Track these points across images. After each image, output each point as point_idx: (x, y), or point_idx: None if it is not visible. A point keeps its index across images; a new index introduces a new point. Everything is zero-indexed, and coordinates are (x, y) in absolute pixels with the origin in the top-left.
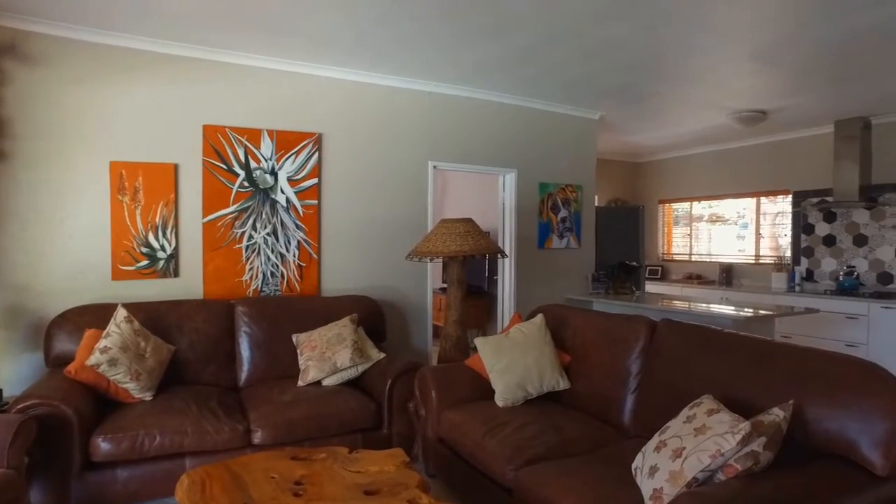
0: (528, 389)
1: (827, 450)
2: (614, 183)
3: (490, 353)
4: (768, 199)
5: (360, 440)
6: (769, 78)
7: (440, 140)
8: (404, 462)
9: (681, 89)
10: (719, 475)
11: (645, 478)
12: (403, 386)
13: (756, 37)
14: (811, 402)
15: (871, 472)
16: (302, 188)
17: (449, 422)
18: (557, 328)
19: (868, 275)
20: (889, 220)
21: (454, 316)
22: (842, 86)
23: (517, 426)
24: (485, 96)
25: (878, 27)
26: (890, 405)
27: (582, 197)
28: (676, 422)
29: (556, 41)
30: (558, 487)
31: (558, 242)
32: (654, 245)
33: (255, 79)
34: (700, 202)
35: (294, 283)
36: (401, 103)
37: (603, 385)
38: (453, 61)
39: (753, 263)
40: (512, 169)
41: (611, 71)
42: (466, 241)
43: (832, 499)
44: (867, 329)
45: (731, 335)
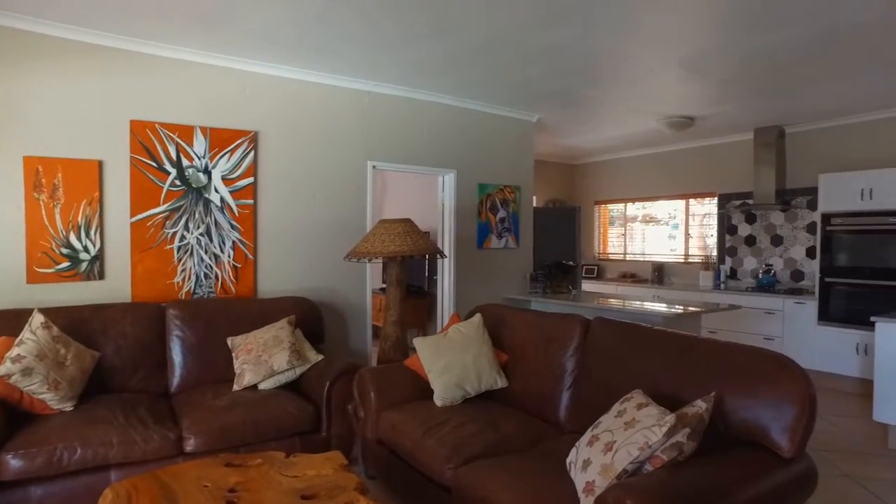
0: (466, 389)
1: (744, 437)
2: (552, 184)
3: (428, 353)
4: (697, 201)
5: (298, 444)
6: (696, 86)
7: (380, 140)
8: (342, 465)
9: (615, 94)
10: (647, 466)
11: (578, 471)
12: (342, 388)
13: (684, 47)
14: (730, 393)
15: (780, 455)
16: (237, 187)
17: (388, 423)
18: (495, 327)
19: (783, 272)
20: (800, 221)
21: (393, 316)
22: (761, 97)
23: (456, 425)
24: (425, 97)
25: (790, 45)
26: (795, 394)
27: (520, 198)
28: (608, 416)
29: (496, 45)
30: (496, 484)
31: (497, 242)
32: (591, 245)
33: (187, 73)
34: (634, 203)
35: (229, 285)
36: (340, 102)
37: (539, 383)
38: (395, 61)
39: (683, 262)
40: (451, 169)
41: (549, 75)
42: (405, 242)
43: (746, 482)
44: (782, 323)
45: (660, 332)
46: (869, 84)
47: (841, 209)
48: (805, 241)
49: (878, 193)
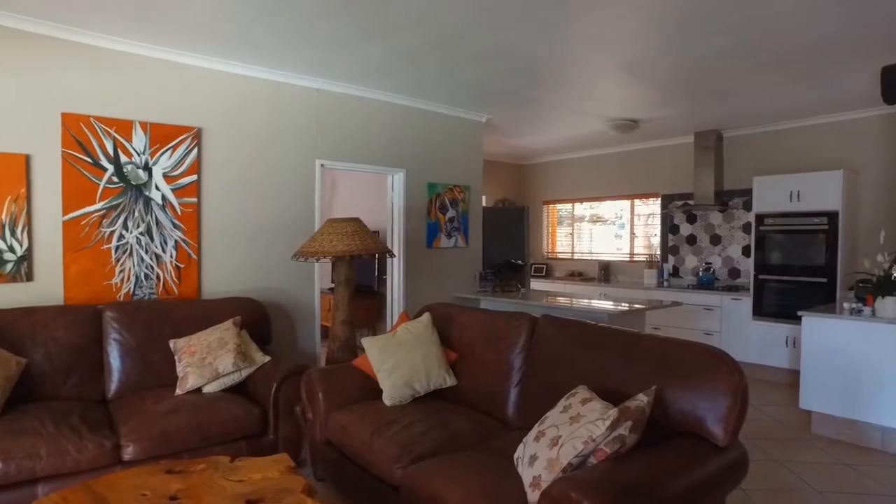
0: (415, 388)
1: (682, 428)
2: (501, 184)
3: (377, 352)
4: (641, 202)
5: (244, 448)
6: (639, 90)
7: (328, 138)
8: (289, 467)
9: (562, 96)
10: (591, 459)
11: (526, 466)
12: (290, 389)
13: (627, 52)
14: (670, 386)
15: (715, 444)
16: (180, 185)
17: (336, 423)
18: (444, 326)
19: (722, 270)
20: (737, 221)
21: (342, 316)
22: (700, 101)
23: (405, 424)
24: (374, 95)
25: (725, 54)
26: (729, 385)
27: (469, 197)
28: (554, 412)
29: (441, 46)
30: (444, 482)
31: (446, 242)
32: (539, 244)
33: (126, 65)
34: (582, 203)
35: (171, 286)
36: (288, 99)
37: (488, 380)
38: (339, 59)
39: (629, 261)
40: (401, 169)
41: (497, 76)
42: (353, 241)
43: (683, 471)
44: (721, 318)
45: (604, 328)
46: (797, 93)
47: (773, 210)
48: (741, 241)
49: (806, 195)
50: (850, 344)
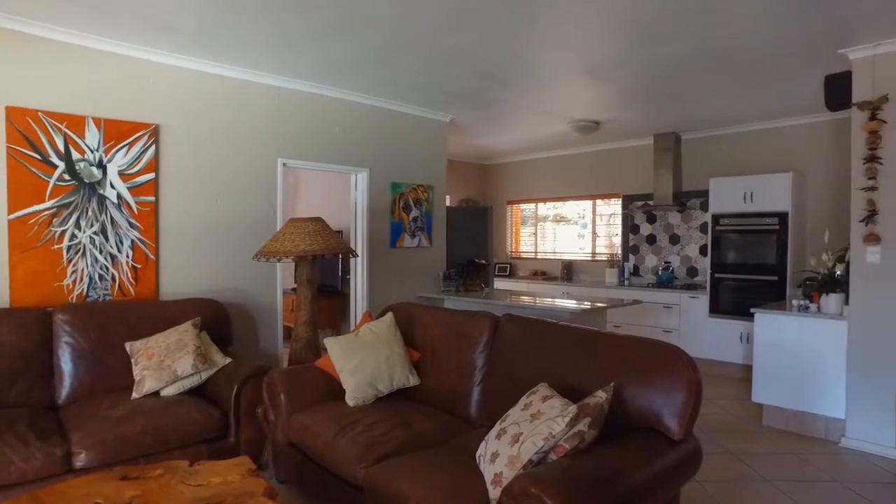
0: (378, 387)
1: (640, 423)
2: (465, 184)
3: (340, 353)
4: (603, 202)
5: (204, 451)
6: (601, 93)
7: (291, 137)
8: (251, 470)
9: (525, 98)
10: (552, 455)
11: (487, 464)
12: (251, 391)
13: (588, 56)
14: (628, 382)
15: (671, 438)
16: (136, 183)
17: (299, 425)
18: (407, 326)
19: (680, 269)
20: (695, 221)
21: (304, 317)
22: (658, 104)
23: (368, 424)
24: (337, 94)
25: (683, 59)
26: (684, 381)
27: (433, 197)
28: (515, 410)
29: (406, 45)
30: (408, 481)
31: (410, 241)
32: (503, 244)
33: (77, 58)
34: (545, 203)
35: (128, 287)
36: (249, 97)
37: (451, 379)
38: (303, 57)
39: (591, 260)
40: (364, 168)
41: (460, 77)
42: (316, 241)
43: (640, 465)
44: (679, 316)
45: (565, 327)
46: (750, 99)
47: (728, 211)
48: (699, 240)
49: (758, 197)
50: (797, 339)
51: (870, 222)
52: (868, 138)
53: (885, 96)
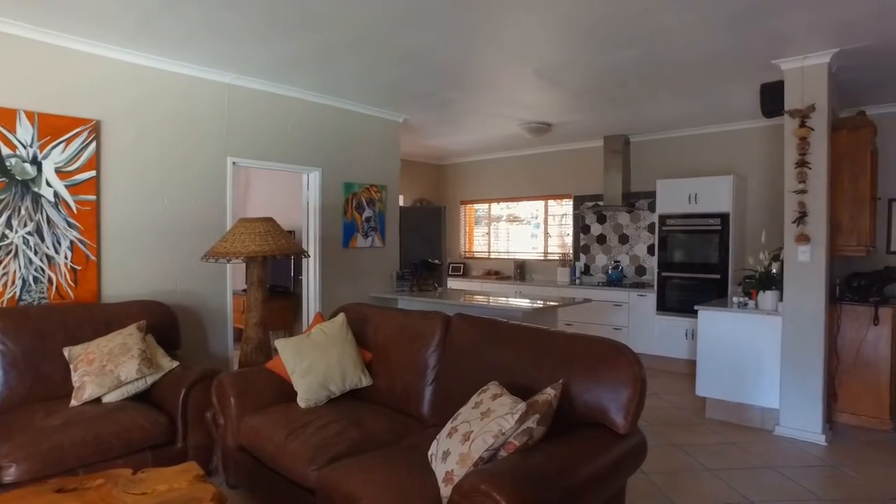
0: (330, 389)
1: (587, 418)
2: (419, 184)
3: (291, 354)
4: (556, 202)
5: (150, 459)
6: (552, 95)
7: (241, 135)
8: (198, 476)
9: (478, 99)
10: (502, 452)
11: (439, 462)
12: (200, 395)
13: (540, 58)
14: (576, 379)
15: (616, 432)
16: (75, 181)
17: (249, 428)
18: (359, 326)
19: (629, 268)
20: (643, 221)
21: (255, 318)
22: (608, 108)
23: (320, 426)
24: (288, 92)
25: (632, 64)
26: (629, 377)
27: (386, 197)
28: (466, 408)
29: (357, 45)
30: (360, 482)
31: (363, 242)
32: (457, 243)
33: (6, 48)
34: (499, 203)
35: (66, 290)
36: (197, 94)
37: (403, 379)
38: (252, 54)
39: (543, 259)
40: (316, 168)
41: (412, 77)
42: (266, 242)
43: (587, 459)
44: (628, 314)
45: (515, 326)
46: (693, 104)
47: (674, 211)
48: (647, 240)
49: (702, 198)
50: (737, 334)
51: (800, 223)
52: (798, 144)
53: (813, 105)
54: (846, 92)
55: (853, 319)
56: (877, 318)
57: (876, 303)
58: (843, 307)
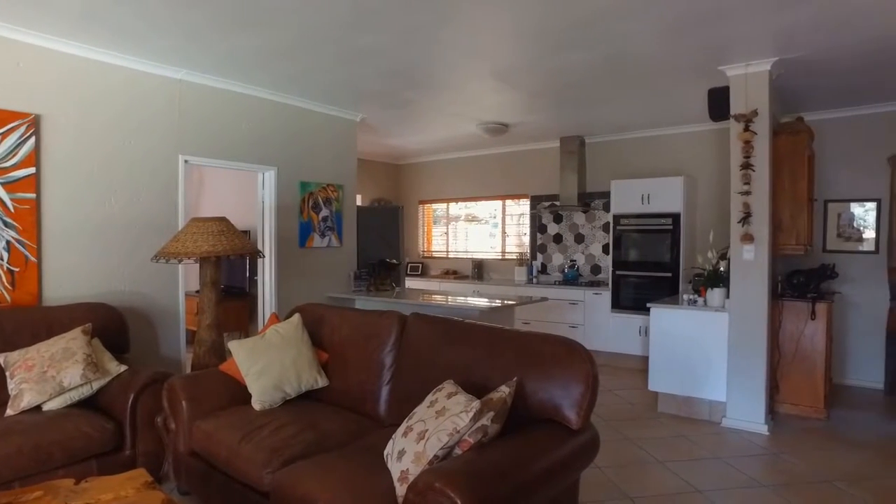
0: (286, 390)
1: (541, 415)
2: (377, 183)
3: (245, 356)
4: (513, 202)
5: (95, 467)
6: (509, 96)
7: (193, 133)
8: (146, 483)
9: (435, 99)
10: (457, 450)
11: (394, 462)
12: (150, 399)
13: (497, 60)
14: (530, 377)
15: (570, 428)
16: (12, 178)
17: (202, 432)
18: (315, 327)
19: (585, 267)
20: (598, 221)
21: (208, 320)
22: (564, 109)
23: (274, 428)
24: (243, 89)
25: (587, 66)
26: (582, 374)
27: (343, 196)
28: (422, 407)
29: (313, 43)
30: (315, 483)
31: (320, 241)
32: (415, 243)
33: None
34: (457, 203)
35: (3, 293)
36: (147, 89)
37: (359, 379)
38: (205, 50)
39: (501, 259)
40: (272, 167)
41: (370, 76)
42: (220, 241)
43: (541, 455)
44: (584, 312)
45: (470, 325)
46: (646, 107)
47: (627, 211)
48: (602, 239)
49: (654, 198)
50: (687, 330)
51: (745, 223)
52: (743, 147)
53: (756, 110)
54: (786, 98)
55: (793, 315)
56: (814, 313)
57: (813, 299)
58: (784, 303)
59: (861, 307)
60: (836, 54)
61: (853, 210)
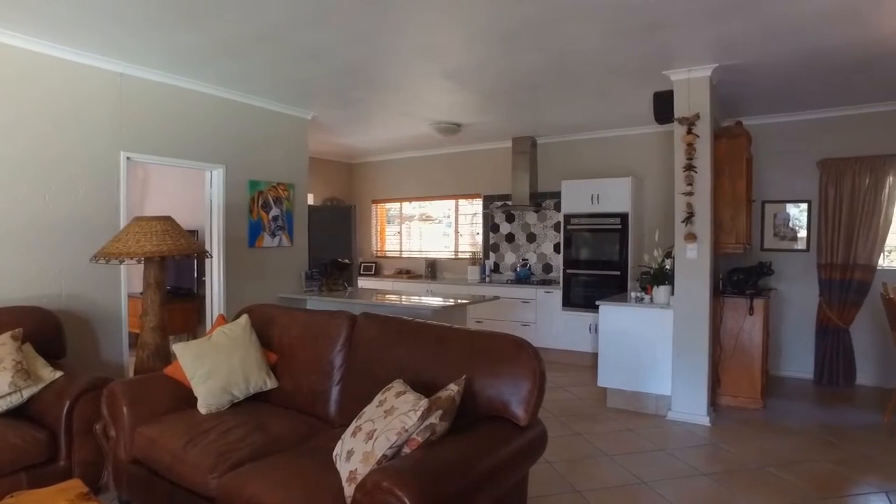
0: (234, 393)
1: (490, 412)
2: (329, 182)
3: (190, 358)
4: (467, 201)
5: (24, 480)
6: (461, 96)
7: (137, 129)
8: (81, 494)
9: (387, 98)
10: (405, 449)
11: (343, 462)
12: (88, 406)
13: (448, 61)
14: (478, 374)
15: (518, 425)
16: None
17: (145, 438)
18: (264, 328)
19: (537, 266)
20: (549, 220)
21: (152, 322)
22: (516, 110)
23: (221, 432)
24: (189, 85)
25: (538, 68)
26: (529, 371)
27: (294, 195)
28: (371, 407)
29: (263, 40)
30: (263, 486)
31: (270, 241)
32: (369, 242)
33: None
34: (411, 203)
35: None
36: (85, 82)
37: (309, 380)
38: (149, 44)
39: (454, 258)
40: (220, 165)
41: (320, 75)
42: (164, 241)
43: (489, 452)
44: (536, 310)
45: (420, 324)
46: (597, 108)
47: (578, 211)
48: (553, 238)
49: (603, 198)
50: (634, 327)
51: (688, 223)
52: (686, 149)
53: (697, 114)
54: (726, 103)
55: (733, 310)
56: (752, 308)
57: (751, 295)
58: (725, 300)
59: (794, 302)
60: (770, 63)
61: (789, 210)
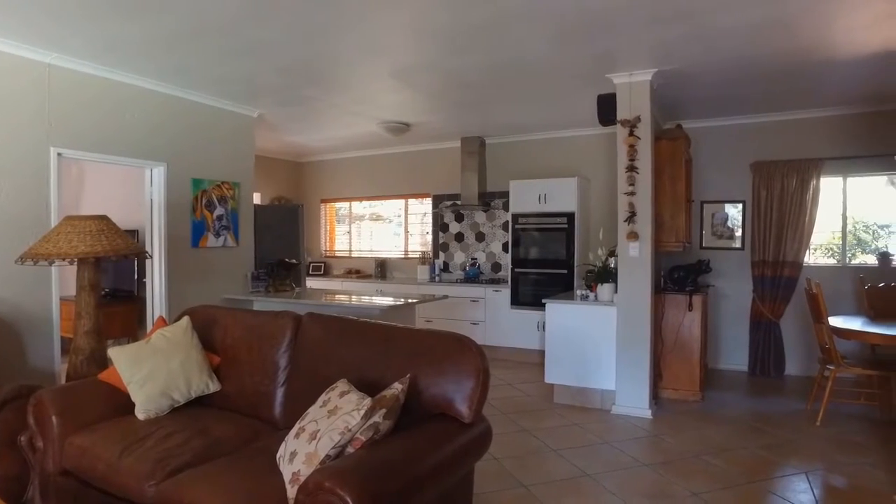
0: (174, 397)
1: (434, 410)
2: (277, 181)
3: (127, 362)
4: (417, 201)
5: None
6: (409, 96)
7: (68, 124)
8: None
9: (335, 96)
10: (349, 449)
11: (286, 464)
12: (12, 417)
13: (396, 60)
14: (423, 373)
15: (462, 422)
16: None
17: (76, 448)
18: (206, 329)
19: (486, 265)
20: (498, 220)
21: (87, 326)
22: (464, 110)
23: (160, 437)
24: (126, 79)
25: (485, 69)
26: (472, 369)
27: (240, 194)
28: (314, 407)
29: (205, 33)
30: (204, 491)
31: (214, 241)
32: (318, 242)
33: None
34: (361, 202)
35: None
36: (9, 73)
37: (253, 382)
38: (81, 34)
39: (404, 258)
40: (161, 162)
41: (264, 71)
42: (99, 241)
43: (433, 449)
44: (485, 309)
45: (364, 323)
46: (543, 109)
47: (525, 211)
48: (501, 238)
49: (550, 198)
50: (580, 324)
51: (631, 222)
52: (628, 151)
53: (639, 117)
54: (666, 107)
55: (673, 306)
56: (691, 304)
57: (691, 292)
58: (665, 296)
59: (731, 298)
60: (706, 69)
61: (727, 210)
